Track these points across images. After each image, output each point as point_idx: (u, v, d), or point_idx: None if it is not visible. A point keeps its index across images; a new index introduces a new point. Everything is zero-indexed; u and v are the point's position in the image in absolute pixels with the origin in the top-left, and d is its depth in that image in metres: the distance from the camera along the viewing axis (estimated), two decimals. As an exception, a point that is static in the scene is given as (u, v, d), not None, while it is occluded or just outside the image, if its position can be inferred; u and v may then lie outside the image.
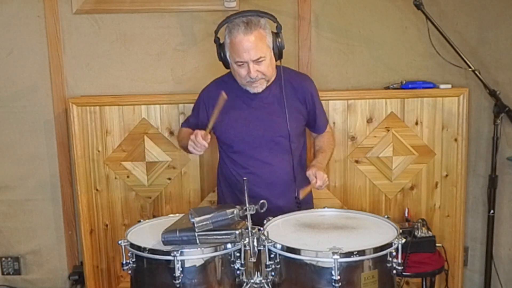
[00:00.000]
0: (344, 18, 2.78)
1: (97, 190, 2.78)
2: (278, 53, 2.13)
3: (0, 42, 2.76)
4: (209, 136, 2.06)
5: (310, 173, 2.12)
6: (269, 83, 2.17)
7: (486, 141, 2.83)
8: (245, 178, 1.83)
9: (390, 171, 2.79)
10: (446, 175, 2.81)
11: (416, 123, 2.77)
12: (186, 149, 2.20)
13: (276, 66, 2.19)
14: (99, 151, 2.75)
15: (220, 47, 2.14)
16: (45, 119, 2.83)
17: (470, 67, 2.53)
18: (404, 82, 2.74)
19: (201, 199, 2.81)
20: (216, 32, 2.14)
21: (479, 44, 2.81)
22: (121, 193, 2.79)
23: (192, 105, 2.70)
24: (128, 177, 2.77)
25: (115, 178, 2.78)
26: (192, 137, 2.04)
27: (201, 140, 2.01)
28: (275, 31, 2.12)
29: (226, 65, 2.18)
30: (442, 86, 2.74)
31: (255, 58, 2.03)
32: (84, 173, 2.75)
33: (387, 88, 2.79)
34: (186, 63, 2.81)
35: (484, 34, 2.81)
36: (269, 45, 2.09)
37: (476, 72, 2.53)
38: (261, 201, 1.74)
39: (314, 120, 2.32)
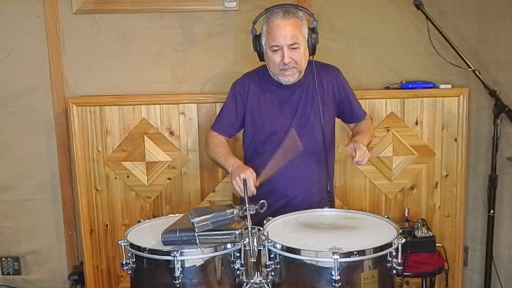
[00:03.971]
0: (344, 18, 2.79)
1: (97, 190, 2.78)
2: (312, 48, 2.18)
3: (0, 42, 2.77)
4: (257, 184, 2.01)
5: (349, 146, 2.10)
6: (300, 75, 2.19)
7: (486, 141, 2.84)
8: (244, 178, 1.83)
9: (390, 171, 2.79)
10: (446, 175, 2.81)
11: (416, 123, 2.77)
12: (218, 164, 2.25)
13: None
14: (99, 151, 2.75)
15: (256, 38, 2.19)
16: (45, 119, 2.83)
17: (470, 67, 2.53)
18: (404, 82, 2.74)
19: (201, 199, 2.81)
20: (254, 22, 2.18)
21: (479, 44, 2.82)
22: (121, 193, 2.79)
23: (192, 105, 2.74)
24: (128, 177, 2.77)
25: (115, 178, 2.78)
26: (243, 175, 1.96)
27: (252, 188, 1.96)
28: (311, 26, 2.17)
29: (261, 56, 2.21)
30: (442, 86, 2.74)
31: (290, 43, 2.07)
32: (84, 173, 2.75)
33: (387, 88, 2.79)
34: (186, 63, 2.81)
35: (484, 34, 2.82)
36: (305, 35, 2.13)
37: (476, 72, 2.53)
38: (261, 201, 1.74)
39: (350, 110, 2.32)
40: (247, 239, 1.70)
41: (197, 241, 1.71)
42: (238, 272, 1.76)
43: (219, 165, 2.28)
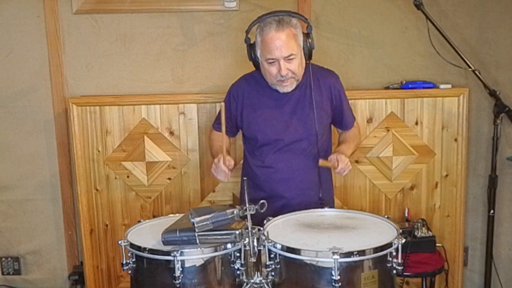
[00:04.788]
0: (344, 18, 2.79)
1: (97, 190, 2.78)
2: (308, 53, 2.15)
3: (0, 42, 2.77)
4: (232, 162, 2.08)
5: (332, 157, 2.12)
6: (298, 83, 2.17)
7: (486, 141, 2.84)
8: (244, 178, 1.83)
9: (390, 171, 2.79)
10: (446, 175, 2.81)
11: (416, 123, 2.77)
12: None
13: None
14: (99, 151, 2.75)
15: (251, 47, 2.15)
16: (45, 119, 2.83)
17: (470, 67, 2.53)
18: (404, 82, 2.74)
19: (201, 199, 2.81)
20: (247, 32, 2.15)
21: (479, 44, 2.82)
22: (121, 193, 2.79)
23: (192, 105, 2.74)
24: (128, 177, 2.77)
25: (115, 178, 2.78)
26: (216, 160, 2.05)
27: (221, 166, 2.03)
28: (305, 31, 2.14)
29: (256, 65, 2.19)
30: (442, 86, 2.74)
31: (286, 55, 2.04)
32: (84, 173, 2.75)
33: (387, 88, 2.79)
34: (186, 63, 2.81)
35: (484, 34, 2.82)
36: (300, 44, 2.10)
37: (476, 72, 2.53)
38: (261, 201, 1.74)
39: (341, 117, 2.32)
40: (247, 239, 1.70)
41: (197, 241, 1.71)
42: (238, 272, 1.76)
43: None
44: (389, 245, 1.69)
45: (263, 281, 1.77)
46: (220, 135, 2.30)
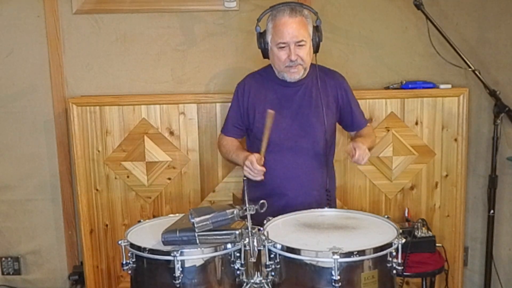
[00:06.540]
0: (344, 18, 2.79)
1: (97, 190, 2.78)
2: (316, 46, 2.20)
3: (0, 42, 2.77)
4: (263, 159, 2.10)
5: (349, 146, 2.12)
6: (305, 72, 2.20)
7: (486, 141, 2.84)
8: (245, 178, 1.83)
9: (390, 171, 2.79)
10: (446, 175, 2.81)
11: (416, 123, 2.77)
12: (233, 162, 2.33)
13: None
14: (99, 151, 2.75)
15: (261, 35, 2.21)
16: (45, 119, 2.83)
17: (470, 67, 2.53)
18: (404, 82, 2.74)
19: (201, 199, 2.81)
20: (259, 20, 2.20)
21: (479, 44, 2.82)
22: (121, 193, 2.79)
23: (193, 105, 2.74)
24: (128, 177, 2.77)
25: (115, 178, 2.78)
26: (248, 163, 2.07)
27: (258, 167, 2.06)
28: (314, 24, 2.20)
29: (265, 54, 2.23)
30: (442, 86, 2.74)
31: (297, 40, 2.10)
32: (84, 173, 2.75)
33: (387, 88, 2.79)
34: (186, 63, 2.81)
35: (484, 34, 2.82)
36: (310, 33, 2.16)
37: (476, 72, 2.54)
38: (261, 201, 1.74)
39: (351, 118, 2.33)
40: (247, 239, 1.70)
41: (197, 241, 1.71)
42: (238, 272, 1.76)
43: (236, 164, 2.38)
44: (389, 245, 1.69)
45: (263, 281, 1.77)
46: (232, 140, 2.35)
